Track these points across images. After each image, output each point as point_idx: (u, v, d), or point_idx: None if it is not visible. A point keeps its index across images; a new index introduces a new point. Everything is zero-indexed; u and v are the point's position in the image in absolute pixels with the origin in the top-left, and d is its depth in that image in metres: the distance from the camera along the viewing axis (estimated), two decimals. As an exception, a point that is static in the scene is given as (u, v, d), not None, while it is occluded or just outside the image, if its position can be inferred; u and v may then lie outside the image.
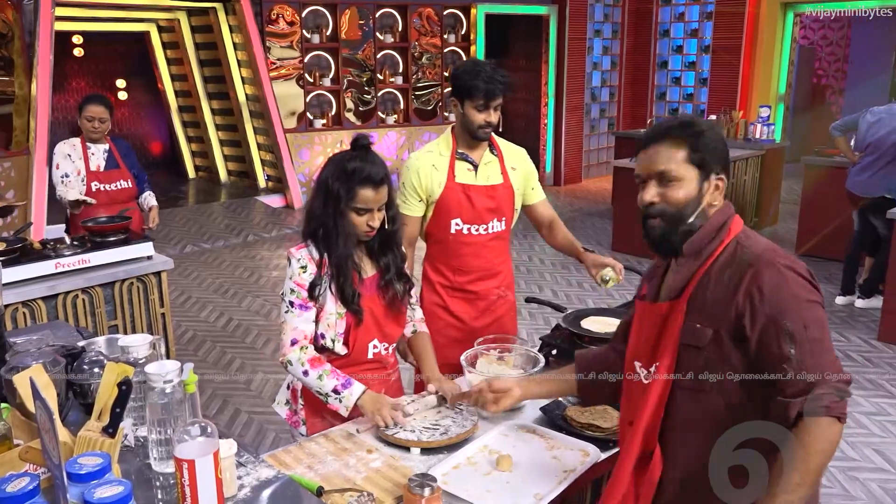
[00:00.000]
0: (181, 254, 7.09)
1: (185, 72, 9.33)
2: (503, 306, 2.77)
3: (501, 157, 2.68)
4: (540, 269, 6.59)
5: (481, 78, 2.44)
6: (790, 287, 1.44)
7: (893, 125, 5.10)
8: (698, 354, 1.49)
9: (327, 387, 2.02)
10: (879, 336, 4.90)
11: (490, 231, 2.65)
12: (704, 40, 10.51)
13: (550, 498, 1.70)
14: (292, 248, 2.14)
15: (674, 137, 1.53)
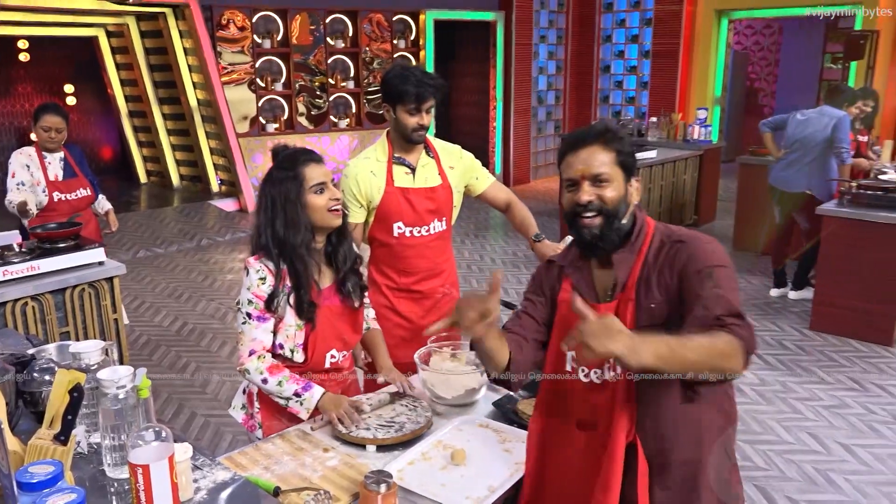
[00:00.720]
0: (134, 259, 6.92)
1: (135, 77, 9.11)
2: (448, 304, 2.77)
3: (438, 159, 2.69)
4: (491, 268, 6.63)
5: (411, 82, 2.45)
6: (712, 250, 1.55)
7: (822, 125, 5.28)
8: (658, 333, 1.52)
9: (287, 391, 2.00)
10: (811, 325, 5.06)
11: (432, 232, 2.66)
12: (644, 45, 10.71)
13: (504, 489, 1.71)
14: (250, 259, 2.07)
15: (604, 141, 1.60)
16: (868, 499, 3.15)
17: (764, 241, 6.54)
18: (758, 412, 3.90)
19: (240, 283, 6.14)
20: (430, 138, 2.69)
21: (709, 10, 10.01)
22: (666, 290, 1.55)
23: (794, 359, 4.59)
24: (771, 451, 3.52)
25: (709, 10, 10.01)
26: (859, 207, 4.79)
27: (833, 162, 5.27)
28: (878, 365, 4.49)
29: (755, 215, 6.72)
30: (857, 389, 4.16)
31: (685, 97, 10.40)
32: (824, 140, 5.25)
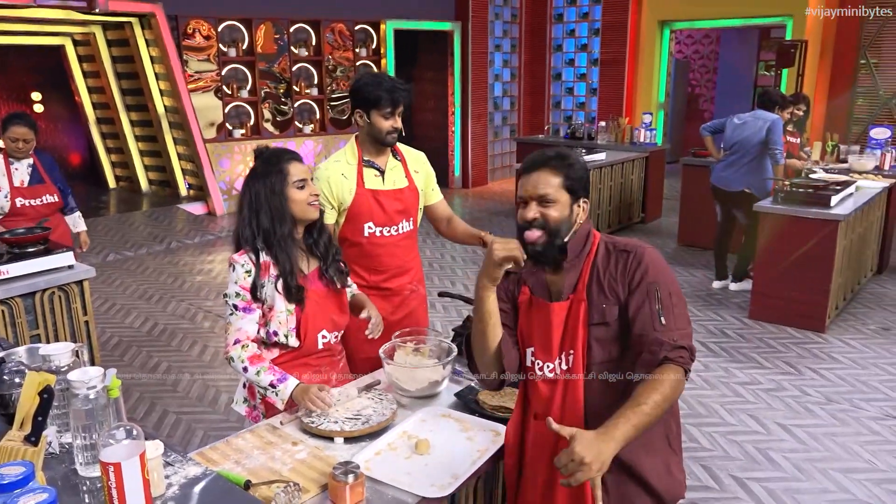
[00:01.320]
0: (104, 262, 6.75)
1: (103, 84, 8.89)
2: (415, 300, 2.80)
3: (405, 162, 2.71)
4: (451, 266, 6.64)
5: (384, 88, 2.47)
6: (658, 264, 1.66)
7: (757, 128, 5.40)
8: (607, 332, 1.64)
9: (264, 381, 2.03)
10: (750, 314, 5.17)
11: (401, 231, 2.67)
12: (593, 54, 10.83)
13: (466, 476, 1.71)
14: (234, 255, 2.11)
15: (552, 167, 1.68)
16: (804, 474, 3.23)
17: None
18: (702, 396, 3.98)
19: (209, 284, 6.05)
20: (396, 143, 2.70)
21: (652, 20, 10.17)
22: (615, 294, 1.65)
23: (735, 346, 4.69)
24: (715, 433, 3.59)
25: (652, 21, 10.17)
26: (792, 204, 4.91)
27: (768, 162, 5.40)
28: (812, 350, 4.61)
29: (698, 212, 6.85)
30: (792, 373, 4.27)
31: (632, 102, 10.55)
32: (760, 142, 5.37)
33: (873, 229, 5.81)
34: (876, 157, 6.19)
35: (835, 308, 5.06)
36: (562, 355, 1.69)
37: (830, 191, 4.93)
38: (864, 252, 5.67)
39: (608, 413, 1.55)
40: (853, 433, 3.58)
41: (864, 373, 4.27)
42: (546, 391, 1.72)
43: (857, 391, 4.03)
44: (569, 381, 1.67)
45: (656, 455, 1.69)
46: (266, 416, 2.17)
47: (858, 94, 8.96)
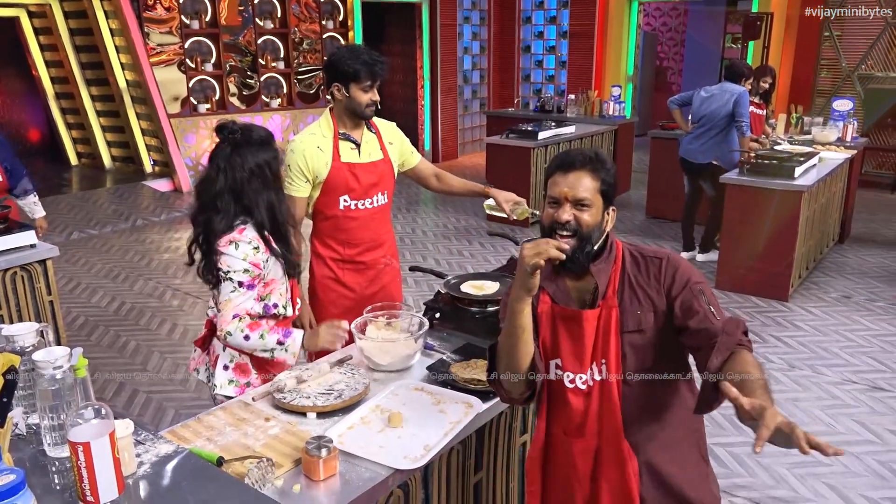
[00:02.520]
0: (67, 241, 6.61)
1: (61, 58, 8.62)
2: (389, 274, 2.81)
3: (379, 134, 2.70)
4: (423, 241, 6.63)
5: (362, 61, 2.46)
6: (691, 267, 1.65)
7: (724, 101, 5.46)
8: (642, 338, 1.60)
9: (271, 342, 2.08)
10: (717, 285, 5.27)
11: (375, 205, 2.67)
12: (562, 26, 10.79)
13: (439, 448, 1.73)
14: (233, 234, 2.04)
15: (591, 169, 1.62)
16: (767, 438, 3.33)
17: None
18: (670, 365, 4.06)
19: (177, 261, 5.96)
20: None
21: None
22: (651, 301, 1.61)
23: (701, 316, 4.78)
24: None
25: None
26: (757, 176, 4.99)
27: (735, 134, 5.47)
28: (776, 318, 4.72)
29: (666, 185, 6.92)
30: (757, 341, 4.37)
31: (600, 75, 10.57)
32: (727, 115, 5.43)
33: (835, 200, 5.94)
34: (838, 128, 6.31)
35: (798, 277, 5.18)
36: (593, 365, 1.62)
37: (794, 162, 5.01)
38: (827, 222, 5.80)
39: (646, 419, 1.59)
40: (814, 398, 3.69)
41: (825, 339, 4.39)
42: (579, 404, 1.64)
43: (818, 357, 4.15)
44: (604, 391, 1.61)
45: (692, 468, 1.68)
46: None
47: (822, 66, 9.08)
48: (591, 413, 1.63)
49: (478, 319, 2.35)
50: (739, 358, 1.46)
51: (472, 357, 2.15)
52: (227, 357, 2.21)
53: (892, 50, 8.60)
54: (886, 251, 6.20)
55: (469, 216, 7.49)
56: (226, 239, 2.04)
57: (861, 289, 5.26)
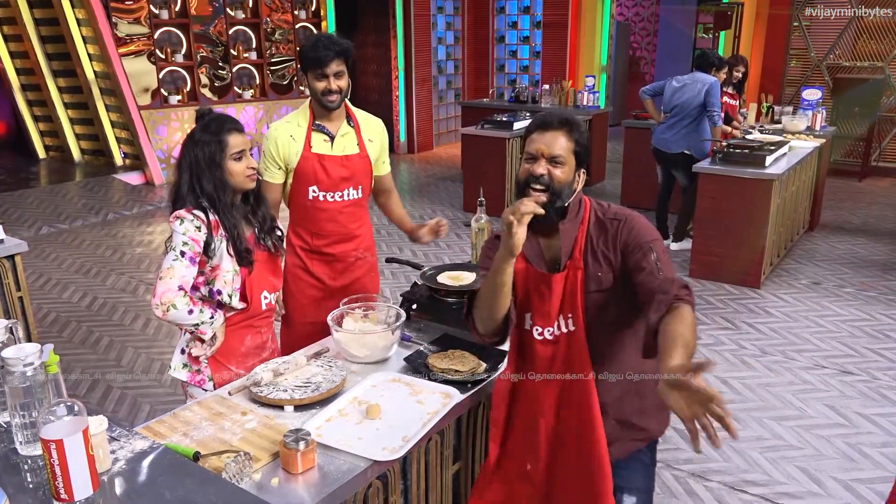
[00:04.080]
0: (36, 236, 6.49)
1: (26, 49, 8.43)
2: (362, 268, 2.78)
3: (358, 129, 2.67)
4: (399, 232, 6.56)
5: (316, 47, 2.46)
6: (647, 226, 1.78)
7: (695, 90, 5.51)
8: (603, 296, 1.76)
9: (206, 315, 2.08)
10: (691, 273, 5.34)
11: (346, 198, 2.64)
12: (536, 17, 10.80)
13: (417, 439, 1.73)
14: (181, 211, 2.07)
15: (567, 130, 1.76)
16: (741, 423, 3.39)
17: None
18: (645, 353, 4.10)
19: (149, 255, 5.88)
20: (353, 109, 2.67)
21: (594, -18, 10.18)
22: (609, 261, 1.76)
23: (675, 303, 4.83)
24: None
25: (594, -17, 10.18)
26: (729, 164, 5.05)
27: (707, 124, 5.52)
28: (748, 305, 4.80)
29: (639, 174, 6.98)
30: (730, 328, 4.44)
31: (574, 65, 10.60)
32: (699, 104, 5.48)
33: (805, 188, 6.04)
34: (808, 117, 6.40)
35: (769, 264, 5.26)
36: (560, 318, 1.79)
37: (765, 151, 5.08)
38: (797, 210, 5.89)
39: (609, 361, 1.78)
40: (786, 383, 3.76)
41: (796, 325, 4.47)
42: (546, 351, 1.82)
43: (789, 343, 4.22)
44: (571, 340, 1.78)
45: (655, 412, 1.87)
46: (213, 380, 2.17)
47: (791, 55, 9.21)
48: (557, 358, 1.81)
49: (455, 310, 2.35)
50: (675, 314, 1.58)
51: (449, 348, 2.16)
52: (184, 341, 2.21)
53: (859, 41, 8.74)
54: (854, 238, 6.32)
55: (445, 207, 7.49)
56: (173, 216, 2.09)
57: (830, 275, 5.36)
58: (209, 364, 2.19)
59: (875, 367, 3.93)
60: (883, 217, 7.04)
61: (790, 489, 2.92)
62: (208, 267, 2.10)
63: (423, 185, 8.57)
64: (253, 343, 2.27)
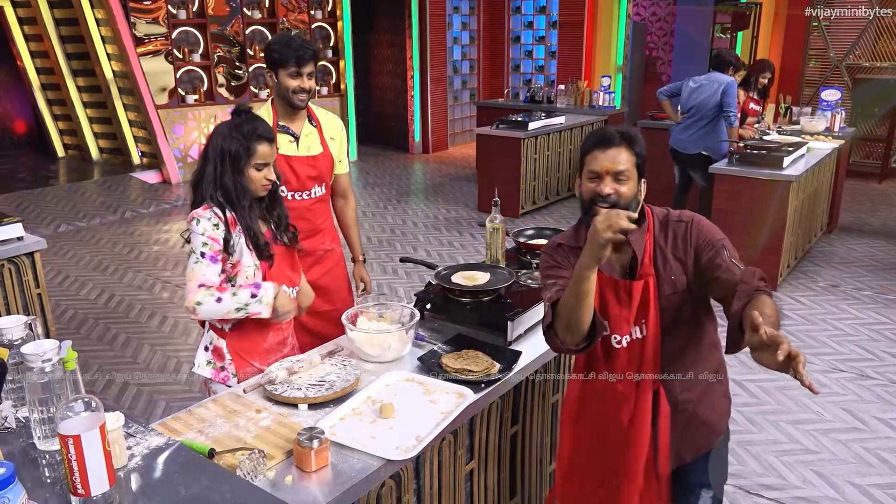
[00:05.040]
0: (55, 233, 6.57)
1: (46, 48, 8.53)
2: (331, 259, 2.86)
3: (320, 128, 2.72)
4: (413, 232, 6.63)
5: (292, 47, 2.50)
6: (714, 226, 1.83)
7: (712, 91, 5.47)
8: (675, 299, 1.79)
9: (244, 297, 2.05)
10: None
11: (313, 196, 2.73)
12: (552, 16, 10.77)
13: (430, 438, 1.73)
14: (197, 210, 2.09)
15: (628, 145, 1.77)
16: (756, 426, 3.36)
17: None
18: (660, 355, 4.08)
19: (166, 254, 5.92)
20: (312, 107, 2.72)
21: (610, -18, 10.13)
22: (682, 262, 1.78)
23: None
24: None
25: (610, -17, 10.13)
26: (746, 165, 5.01)
27: (723, 124, 5.48)
28: (764, 307, 4.75)
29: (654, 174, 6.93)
30: (745, 330, 4.39)
31: (590, 65, 10.56)
32: (715, 105, 5.44)
33: (824, 189, 5.98)
34: (826, 118, 6.33)
35: (787, 266, 5.21)
36: (635, 327, 1.81)
37: (783, 152, 5.03)
38: (815, 212, 5.83)
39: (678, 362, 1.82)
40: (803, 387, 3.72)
41: (813, 328, 4.42)
42: (620, 359, 1.85)
43: (806, 346, 4.18)
44: (644, 347, 1.82)
45: (718, 403, 1.91)
46: (237, 376, 2.18)
47: (810, 56, 9.11)
48: (630, 366, 1.84)
49: (469, 310, 2.35)
50: (757, 301, 1.64)
51: (463, 348, 2.16)
52: (207, 339, 2.23)
53: (879, 41, 8.64)
54: (873, 241, 6.25)
55: (460, 207, 7.49)
56: (190, 216, 2.10)
57: (848, 278, 5.30)
58: (234, 360, 2.20)
59: (893, 371, 3.88)
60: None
61: (806, 493, 2.89)
62: (229, 264, 2.11)
63: (438, 185, 8.58)
64: (275, 339, 2.28)
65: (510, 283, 2.42)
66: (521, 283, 2.54)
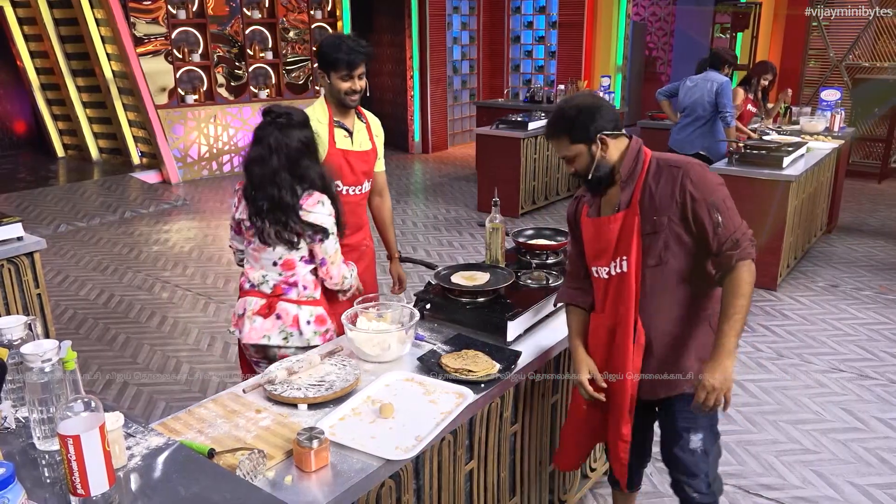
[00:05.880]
0: (55, 233, 6.57)
1: (46, 48, 8.53)
2: (368, 255, 2.90)
3: (369, 126, 2.77)
4: (413, 231, 6.63)
5: (343, 49, 2.53)
6: (709, 176, 1.92)
7: (706, 89, 5.47)
8: (657, 238, 1.93)
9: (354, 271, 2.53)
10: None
11: (362, 191, 2.77)
12: (552, 17, 10.77)
13: (430, 438, 1.73)
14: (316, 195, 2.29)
15: (555, 135, 2.01)
16: (756, 426, 3.36)
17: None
18: (660, 355, 4.08)
19: (166, 254, 5.91)
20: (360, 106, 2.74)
21: (610, -18, 10.13)
22: (665, 206, 1.90)
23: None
24: (672, 390, 3.69)
25: (610, -17, 10.13)
26: (746, 165, 5.01)
27: (721, 124, 5.49)
28: (765, 308, 4.75)
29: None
30: (746, 331, 4.39)
31: (590, 65, 10.56)
32: (710, 104, 5.45)
33: (823, 189, 5.98)
34: (826, 118, 6.33)
35: (786, 266, 5.21)
36: (616, 260, 1.98)
37: (783, 152, 5.03)
38: (815, 212, 5.83)
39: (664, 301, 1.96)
40: (802, 386, 3.73)
41: (812, 328, 4.42)
42: (600, 288, 2.06)
43: (806, 346, 4.18)
44: (622, 280, 1.98)
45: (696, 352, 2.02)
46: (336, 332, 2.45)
47: (810, 56, 9.11)
48: (609, 294, 2.02)
49: (468, 310, 2.35)
50: (733, 277, 1.88)
51: (462, 348, 2.16)
52: (306, 314, 2.36)
53: (879, 41, 8.64)
54: (873, 241, 6.25)
55: (459, 207, 7.49)
56: (313, 200, 2.28)
57: (848, 278, 5.30)
58: (332, 320, 2.43)
59: (893, 371, 3.88)
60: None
61: (806, 493, 2.89)
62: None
63: (438, 185, 8.58)
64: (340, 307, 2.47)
65: (510, 283, 2.43)
66: (520, 283, 2.54)
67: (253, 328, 2.36)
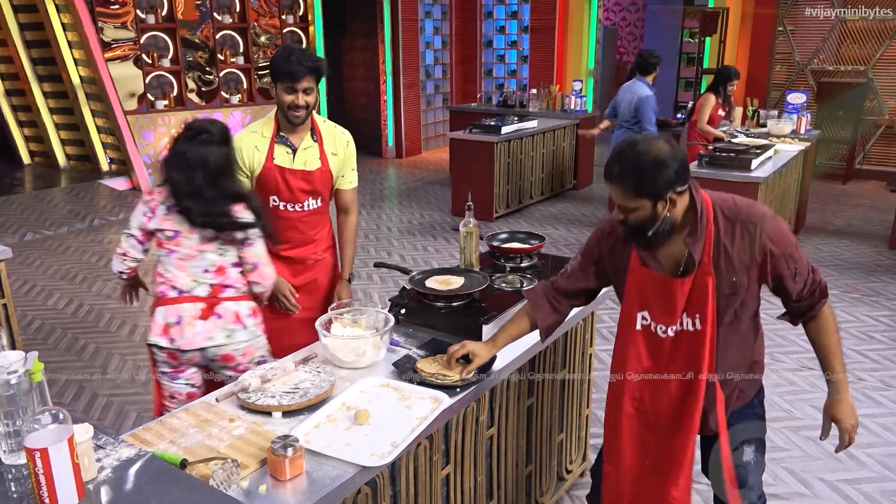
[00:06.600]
0: (21, 242, 6.44)
1: (10, 53, 8.36)
2: (322, 269, 2.87)
3: (321, 143, 2.70)
4: (388, 237, 6.61)
5: (289, 61, 2.49)
6: (782, 226, 1.84)
7: (627, 101, 5.76)
8: (736, 299, 1.84)
9: None
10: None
11: (306, 209, 2.72)
12: (524, 21, 10.84)
13: (406, 444, 1.73)
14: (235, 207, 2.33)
15: (621, 183, 1.75)
16: (728, 425, 3.40)
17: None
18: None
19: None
20: (319, 121, 2.70)
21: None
22: (745, 265, 1.81)
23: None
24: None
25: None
26: (715, 168, 5.08)
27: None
28: (735, 308, 4.82)
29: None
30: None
31: (562, 70, 10.64)
32: (632, 115, 5.67)
33: (791, 191, 6.09)
34: (793, 121, 6.46)
35: (756, 267, 5.28)
36: (685, 317, 1.84)
37: (751, 154, 5.11)
38: (783, 213, 5.93)
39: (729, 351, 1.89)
40: (773, 385, 3.78)
41: (781, 328, 4.49)
42: (665, 347, 1.89)
43: (775, 345, 4.25)
44: (695, 338, 1.84)
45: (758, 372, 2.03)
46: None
47: (776, 60, 9.29)
48: (680, 350, 1.87)
49: (443, 314, 2.35)
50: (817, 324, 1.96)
51: (438, 352, 2.15)
52: (245, 308, 2.41)
53: (842, 45, 8.84)
54: (839, 240, 6.38)
55: (434, 211, 7.49)
56: (238, 207, 2.32)
57: (816, 277, 5.40)
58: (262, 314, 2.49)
59: (860, 369, 3.96)
60: (867, 219, 7.11)
61: (778, 490, 2.94)
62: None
63: (412, 190, 8.58)
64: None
65: (484, 286, 2.43)
66: (495, 286, 2.55)
67: (195, 333, 2.34)
